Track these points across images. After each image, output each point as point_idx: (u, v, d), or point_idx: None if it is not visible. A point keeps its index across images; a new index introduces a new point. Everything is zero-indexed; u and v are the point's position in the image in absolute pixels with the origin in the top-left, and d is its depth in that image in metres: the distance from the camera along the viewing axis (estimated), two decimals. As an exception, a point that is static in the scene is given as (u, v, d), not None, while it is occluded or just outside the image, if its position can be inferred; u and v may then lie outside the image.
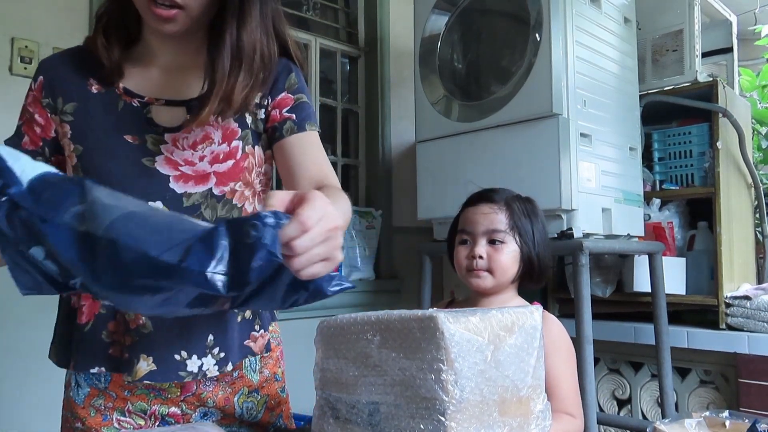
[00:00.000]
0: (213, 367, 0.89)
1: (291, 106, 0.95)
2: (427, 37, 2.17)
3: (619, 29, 2.11)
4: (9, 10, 1.80)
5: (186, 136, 0.89)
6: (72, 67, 0.92)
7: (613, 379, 2.43)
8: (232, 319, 0.91)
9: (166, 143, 0.89)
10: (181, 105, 0.91)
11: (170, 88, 0.92)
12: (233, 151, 0.91)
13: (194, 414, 0.93)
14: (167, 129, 0.89)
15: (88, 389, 0.92)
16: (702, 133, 2.27)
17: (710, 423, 1.01)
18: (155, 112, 0.90)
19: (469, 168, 2.00)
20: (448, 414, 0.66)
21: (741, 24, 2.77)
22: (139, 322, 0.86)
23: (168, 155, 0.88)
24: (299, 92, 0.97)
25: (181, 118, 0.90)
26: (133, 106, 0.90)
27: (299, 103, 0.96)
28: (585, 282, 1.75)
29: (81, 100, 0.90)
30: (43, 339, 1.89)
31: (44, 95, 0.92)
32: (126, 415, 0.91)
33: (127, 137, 0.88)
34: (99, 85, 0.91)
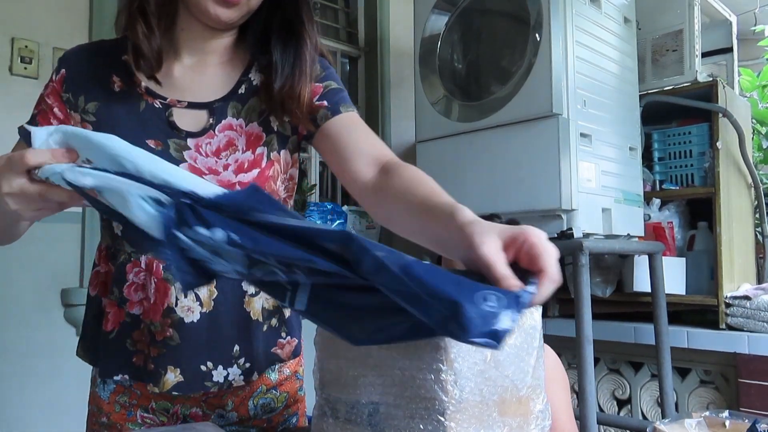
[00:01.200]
0: (239, 377, 0.89)
1: (320, 95, 0.91)
2: (427, 37, 2.18)
3: (619, 29, 2.11)
4: (9, 10, 1.80)
5: (209, 141, 0.87)
6: (96, 63, 0.89)
7: (613, 379, 2.43)
8: (257, 329, 0.90)
9: (189, 149, 0.86)
10: (203, 108, 0.88)
11: (192, 90, 0.89)
12: (258, 159, 0.88)
13: (213, 415, 0.93)
14: (190, 134, 0.86)
15: (113, 386, 0.92)
16: (702, 133, 2.27)
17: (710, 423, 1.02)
18: (177, 115, 0.87)
19: (469, 168, 2.00)
20: (448, 414, 0.66)
21: (741, 24, 2.77)
22: (166, 334, 0.85)
23: (192, 163, 0.86)
24: (327, 80, 0.93)
25: (203, 122, 0.87)
26: (155, 107, 0.87)
27: (328, 90, 0.92)
28: (585, 282, 1.75)
29: (104, 99, 0.87)
30: (44, 339, 1.90)
31: (65, 89, 0.88)
32: (149, 412, 0.92)
33: (150, 142, 0.85)
34: (121, 83, 0.88)
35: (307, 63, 0.88)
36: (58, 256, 1.85)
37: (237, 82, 0.90)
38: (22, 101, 1.84)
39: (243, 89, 0.90)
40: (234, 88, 0.90)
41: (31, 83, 1.83)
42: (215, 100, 0.88)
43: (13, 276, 1.78)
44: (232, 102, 0.89)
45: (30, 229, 0.88)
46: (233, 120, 0.88)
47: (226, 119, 0.88)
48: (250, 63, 0.92)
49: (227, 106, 0.88)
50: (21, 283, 1.80)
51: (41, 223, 0.89)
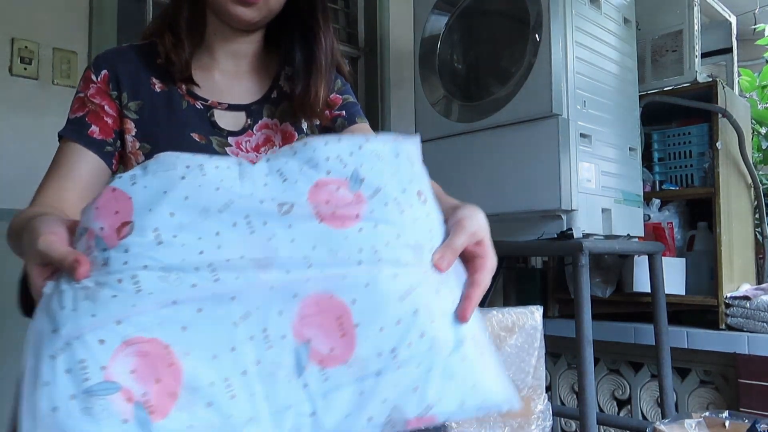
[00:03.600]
0: None
1: (339, 105, 1.01)
2: (427, 37, 2.18)
3: (619, 30, 2.11)
4: (9, 10, 1.80)
5: (248, 139, 0.93)
6: (133, 64, 0.92)
7: (613, 380, 2.43)
8: None
9: (231, 146, 0.92)
10: (242, 110, 0.94)
11: (231, 93, 0.95)
12: None
13: None
14: (231, 133, 0.92)
15: None
16: (702, 133, 2.27)
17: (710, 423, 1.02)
18: (218, 116, 0.93)
19: (469, 168, 2.00)
20: (449, 414, 0.66)
21: (741, 24, 2.77)
22: None
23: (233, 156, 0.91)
24: (346, 93, 1.03)
25: (242, 123, 0.94)
26: (196, 107, 0.92)
27: (347, 102, 1.02)
28: (585, 282, 1.75)
29: (146, 97, 0.91)
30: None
31: (111, 88, 0.91)
32: None
33: (194, 135, 0.90)
34: (162, 84, 0.92)
35: (322, 62, 0.94)
36: (58, 257, 1.85)
37: (269, 87, 0.97)
38: (22, 102, 1.85)
39: (275, 94, 0.97)
40: (267, 92, 0.97)
41: (31, 84, 1.82)
42: (252, 103, 0.95)
43: (13, 276, 1.77)
44: (266, 105, 0.96)
45: (30, 230, 0.88)
46: (269, 120, 0.95)
47: (263, 119, 0.95)
48: (279, 71, 0.98)
49: (262, 108, 0.96)
50: (21, 283, 1.80)
51: (42, 223, 0.89)
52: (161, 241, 0.49)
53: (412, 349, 0.51)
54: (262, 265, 0.50)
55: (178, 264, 0.49)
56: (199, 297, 0.48)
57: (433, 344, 0.52)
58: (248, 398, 0.49)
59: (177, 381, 0.47)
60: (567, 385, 2.54)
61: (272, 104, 0.96)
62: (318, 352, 0.50)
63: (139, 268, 0.48)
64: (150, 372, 0.47)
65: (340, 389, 0.51)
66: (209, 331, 0.48)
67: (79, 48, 1.92)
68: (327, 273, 0.51)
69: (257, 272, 0.50)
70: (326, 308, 0.50)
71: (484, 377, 0.55)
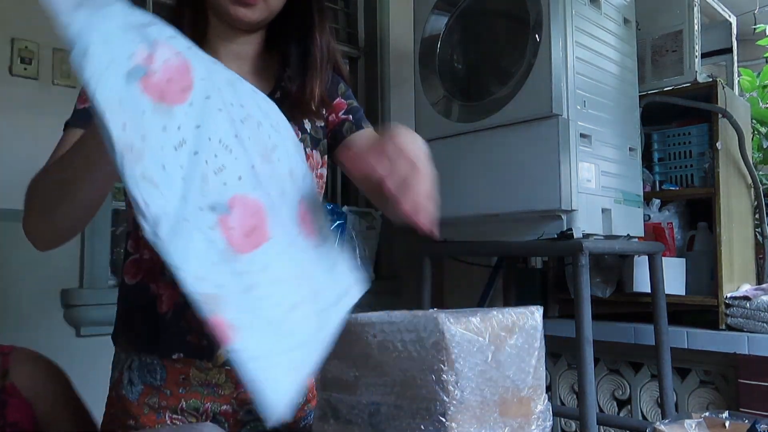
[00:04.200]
0: None
1: (345, 109, 1.03)
2: (427, 37, 2.18)
3: (619, 30, 2.11)
4: (9, 10, 1.80)
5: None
6: None
7: (612, 380, 2.43)
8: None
9: None
10: None
11: None
12: None
13: (242, 411, 0.95)
14: None
15: (142, 387, 0.93)
16: (702, 133, 2.27)
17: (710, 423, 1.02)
18: None
19: (469, 168, 2.00)
20: (449, 415, 0.66)
21: (741, 24, 2.77)
22: None
23: None
24: (350, 98, 1.05)
25: None
26: None
27: (352, 106, 1.04)
28: (585, 282, 1.75)
29: None
30: (43, 339, 1.89)
31: None
32: (179, 413, 0.92)
33: None
34: None
35: (317, 60, 0.95)
36: (58, 257, 1.85)
37: (273, 88, 0.98)
38: (22, 102, 1.85)
39: (279, 94, 0.97)
40: (271, 92, 0.97)
41: (31, 84, 1.82)
42: None
43: (13, 276, 1.78)
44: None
45: (30, 230, 0.88)
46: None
47: None
48: (281, 72, 0.99)
49: None
50: (21, 283, 1.79)
51: (41, 223, 0.89)
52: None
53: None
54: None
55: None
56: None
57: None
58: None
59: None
60: (567, 385, 2.54)
61: (276, 103, 0.97)
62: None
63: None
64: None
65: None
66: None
67: (79, 48, 1.92)
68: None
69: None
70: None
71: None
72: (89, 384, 0.98)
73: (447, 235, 2.13)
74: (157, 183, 0.54)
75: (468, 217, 2.03)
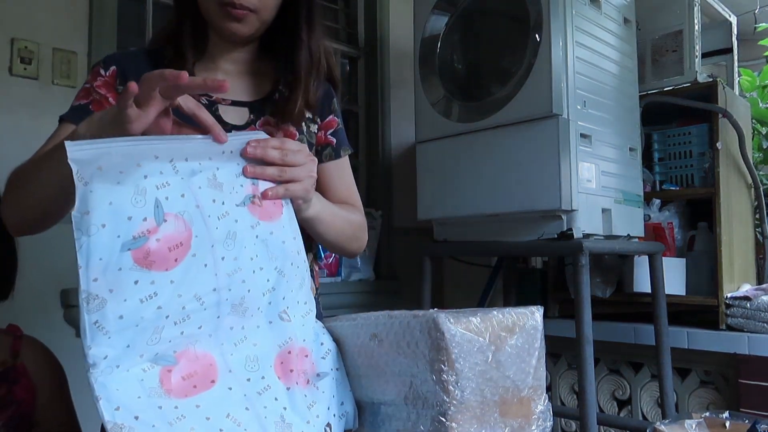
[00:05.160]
0: None
1: (334, 130, 1.07)
2: (427, 37, 2.17)
3: (619, 30, 2.11)
4: (9, 10, 1.80)
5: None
6: (141, 65, 0.96)
7: (613, 380, 2.43)
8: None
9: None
10: (245, 106, 0.99)
11: (233, 92, 0.98)
12: None
13: None
14: (236, 126, 0.96)
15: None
16: (702, 133, 2.27)
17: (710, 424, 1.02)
18: (223, 111, 0.97)
19: (469, 168, 2.00)
20: (449, 414, 0.66)
21: (741, 24, 2.77)
22: None
23: None
24: (339, 116, 1.08)
25: (245, 117, 0.98)
26: (201, 103, 0.95)
27: (339, 128, 1.08)
28: (585, 283, 1.75)
29: None
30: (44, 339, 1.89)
31: (118, 83, 0.95)
32: None
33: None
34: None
35: (301, 70, 0.97)
36: (58, 257, 1.85)
37: (270, 91, 1.01)
38: (22, 102, 1.84)
39: (277, 96, 1.01)
40: (269, 94, 1.01)
41: (31, 84, 1.82)
42: (254, 101, 1.00)
43: (13, 276, 1.77)
44: (268, 104, 1.00)
45: (30, 230, 0.88)
46: (270, 118, 0.99)
47: (265, 117, 0.99)
48: (279, 76, 1.02)
49: (264, 107, 1.00)
50: (21, 283, 1.79)
51: (41, 223, 0.89)
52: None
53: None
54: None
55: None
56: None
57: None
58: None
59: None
60: (567, 385, 2.54)
61: (273, 105, 1.00)
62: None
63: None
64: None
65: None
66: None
67: (79, 48, 1.92)
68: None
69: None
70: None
71: None
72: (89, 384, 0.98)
73: (447, 235, 2.13)
74: (107, 331, 0.61)
75: (468, 217, 2.03)
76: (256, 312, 0.73)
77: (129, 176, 0.64)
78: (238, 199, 0.74)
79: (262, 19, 0.94)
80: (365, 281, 2.66)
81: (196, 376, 0.67)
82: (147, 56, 0.98)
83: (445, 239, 2.13)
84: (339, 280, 2.56)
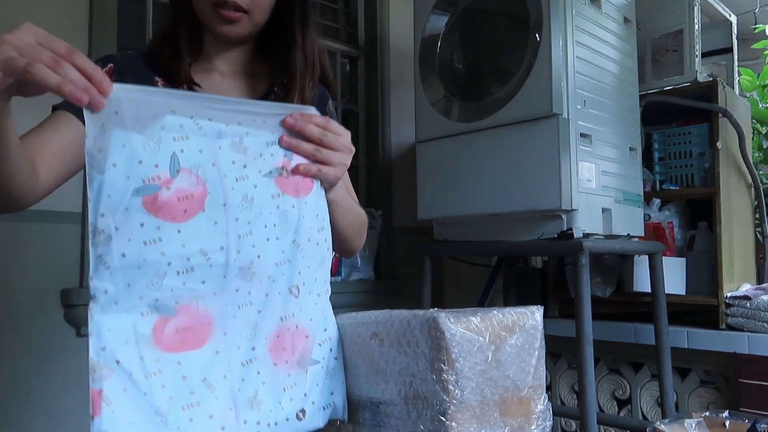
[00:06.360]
0: None
1: None
2: (427, 37, 2.17)
3: (619, 29, 2.11)
4: (9, 10, 1.80)
5: None
6: (138, 66, 0.97)
7: (613, 379, 2.43)
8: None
9: None
10: None
11: (230, 92, 1.00)
12: None
13: None
14: None
15: None
16: (702, 133, 2.27)
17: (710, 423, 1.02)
18: None
19: (469, 168, 2.00)
20: (449, 414, 0.66)
21: (741, 24, 2.77)
22: None
23: None
24: (334, 119, 1.09)
25: None
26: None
27: None
28: (585, 282, 1.75)
29: None
30: (44, 339, 1.89)
31: (115, 80, 0.94)
32: None
33: None
34: (164, 82, 0.96)
35: (296, 72, 0.98)
36: (58, 256, 1.85)
37: (266, 92, 1.01)
38: (21, 101, 1.84)
39: (272, 97, 1.01)
40: (264, 95, 1.01)
41: (31, 83, 1.82)
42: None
43: (13, 276, 1.77)
44: None
45: (29, 230, 0.88)
46: None
47: None
48: (275, 77, 1.02)
49: None
50: (21, 283, 1.79)
51: (40, 223, 0.89)
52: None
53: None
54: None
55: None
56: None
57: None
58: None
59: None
60: (567, 385, 2.54)
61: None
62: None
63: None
64: None
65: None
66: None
67: (79, 48, 1.91)
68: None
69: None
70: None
71: None
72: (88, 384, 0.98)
73: (447, 235, 2.13)
74: (110, 266, 0.63)
75: (468, 217, 2.03)
76: (266, 280, 0.73)
77: (144, 124, 0.66)
78: (264, 167, 0.74)
79: (255, 20, 0.94)
80: (365, 281, 2.66)
81: (190, 332, 0.67)
82: (144, 59, 0.99)
83: (445, 239, 2.13)
84: (339, 280, 2.56)
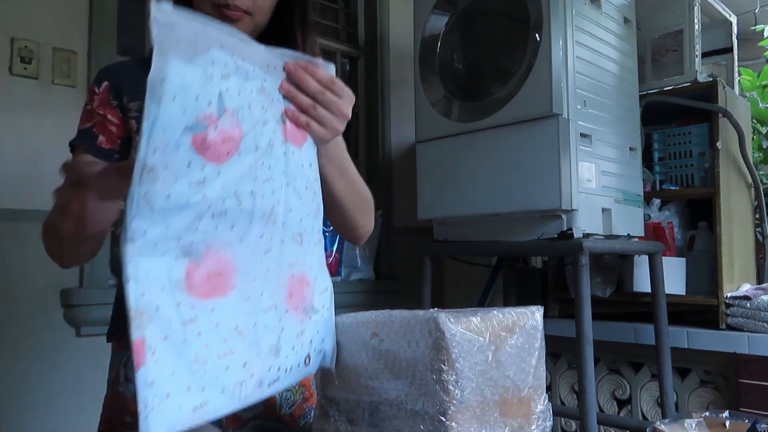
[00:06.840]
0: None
1: None
2: (428, 37, 2.18)
3: (619, 29, 2.11)
4: (9, 10, 1.80)
5: None
6: (135, 72, 0.97)
7: (613, 380, 2.43)
8: None
9: None
10: None
11: None
12: None
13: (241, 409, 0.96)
14: None
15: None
16: (702, 133, 2.27)
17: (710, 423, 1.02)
18: None
19: (469, 168, 2.00)
20: (449, 414, 0.66)
21: (741, 24, 2.77)
22: None
23: None
24: None
25: None
26: None
27: None
28: (585, 282, 1.75)
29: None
30: (44, 339, 1.89)
31: (112, 98, 0.96)
32: None
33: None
34: None
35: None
36: (58, 257, 1.85)
37: None
38: (22, 101, 1.85)
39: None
40: None
41: (31, 83, 1.82)
42: None
43: (13, 276, 1.77)
44: None
45: (29, 230, 0.88)
46: None
47: None
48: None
49: None
50: (21, 283, 1.79)
51: (41, 223, 0.89)
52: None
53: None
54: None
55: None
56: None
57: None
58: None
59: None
60: (567, 385, 2.54)
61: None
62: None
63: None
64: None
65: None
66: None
67: (79, 48, 1.92)
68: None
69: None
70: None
71: None
72: (89, 384, 0.98)
73: (447, 235, 2.13)
74: (153, 206, 0.59)
75: (468, 217, 2.03)
76: (281, 226, 0.73)
77: (200, 57, 0.63)
78: (276, 113, 0.73)
79: (256, 21, 0.94)
80: (365, 281, 2.66)
81: (220, 278, 0.66)
82: (142, 65, 0.98)
83: (445, 239, 2.13)
84: (339, 280, 2.56)
